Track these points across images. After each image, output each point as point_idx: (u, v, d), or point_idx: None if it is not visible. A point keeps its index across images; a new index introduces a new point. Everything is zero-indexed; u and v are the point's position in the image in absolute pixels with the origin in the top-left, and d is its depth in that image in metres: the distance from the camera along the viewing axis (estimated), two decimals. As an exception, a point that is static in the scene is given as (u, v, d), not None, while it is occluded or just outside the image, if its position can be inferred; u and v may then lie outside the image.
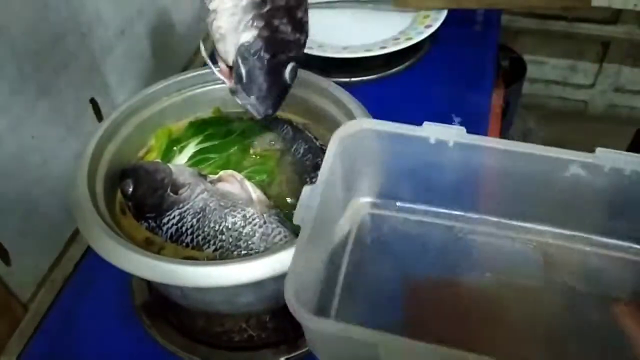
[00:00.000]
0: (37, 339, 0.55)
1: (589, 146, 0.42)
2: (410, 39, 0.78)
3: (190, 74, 0.56)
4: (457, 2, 0.83)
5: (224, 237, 0.46)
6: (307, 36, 0.43)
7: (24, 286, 0.61)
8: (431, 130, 0.46)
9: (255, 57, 0.39)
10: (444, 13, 0.82)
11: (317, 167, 0.49)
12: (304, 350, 0.50)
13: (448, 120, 0.73)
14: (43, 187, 0.62)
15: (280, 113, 0.56)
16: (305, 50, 0.75)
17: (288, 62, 0.41)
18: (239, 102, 0.41)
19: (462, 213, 0.50)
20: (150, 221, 0.48)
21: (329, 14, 0.89)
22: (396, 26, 0.83)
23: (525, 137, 1.42)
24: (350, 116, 0.51)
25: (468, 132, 0.69)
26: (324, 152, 0.50)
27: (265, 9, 0.38)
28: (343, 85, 0.54)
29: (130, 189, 0.48)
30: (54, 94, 0.62)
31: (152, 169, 0.49)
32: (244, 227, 0.46)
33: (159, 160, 0.52)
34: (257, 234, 0.46)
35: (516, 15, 1.49)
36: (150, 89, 0.56)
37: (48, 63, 0.60)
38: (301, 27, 0.41)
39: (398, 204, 0.51)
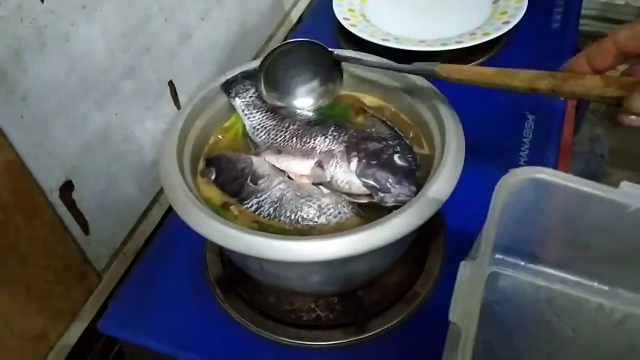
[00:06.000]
0: (112, 307, 0.57)
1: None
2: (487, 34, 0.77)
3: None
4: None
5: (299, 227, 0.46)
6: (393, 136, 0.50)
7: (99, 256, 0.64)
8: (633, 195, 0.34)
9: (369, 169, 0.47)
10: (524, 9, 0.79)
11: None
12: (372, 333, 0.51)
13: (521, 118, 0.71)
14: (122, 163, 0.64)
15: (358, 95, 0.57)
16: (382, 43, 0.77)
17: (393, 155, 0.48)
18: (392, 204, 0.45)
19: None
20: None
21: (406, 7, 0.89)
22: (474, 21, 0.82)
23: (592, 144, 1.37)
24: (439, 119, 0.49)
25: (541, 131, 0.68)
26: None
27: (356, 150, 0.49)
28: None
29: (213, 177, 0.50)
30: (137, 75, 0.64)
31: (234, 158, 0.51)
32: (319, 217, 0.46)
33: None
34: (331, 224, 0.46)
35: (588, 19, 1.44)
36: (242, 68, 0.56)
37: (134, 45, 0.63)
38: (383, 139, 0.49)
39: (548, 270, 0.44)
